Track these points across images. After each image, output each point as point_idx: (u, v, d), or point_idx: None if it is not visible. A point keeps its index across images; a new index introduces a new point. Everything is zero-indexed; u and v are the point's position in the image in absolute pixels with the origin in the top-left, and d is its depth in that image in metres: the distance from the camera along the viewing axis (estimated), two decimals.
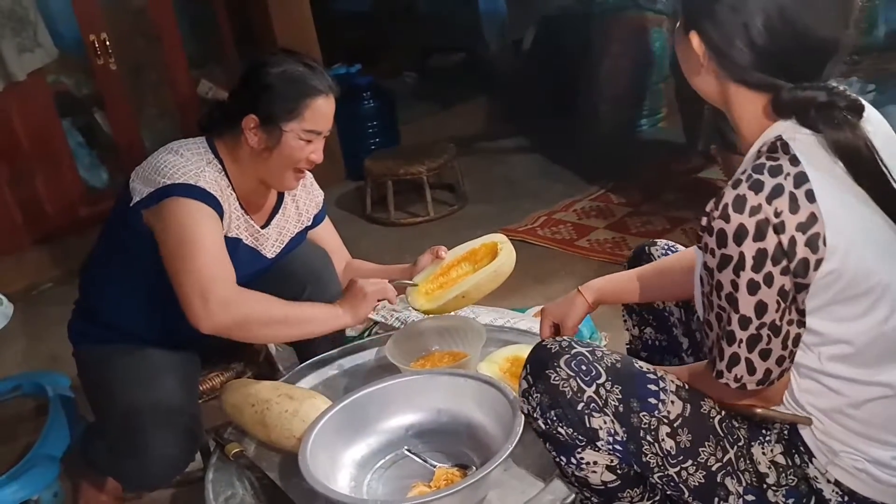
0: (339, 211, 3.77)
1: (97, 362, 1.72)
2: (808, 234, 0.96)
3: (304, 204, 1.88)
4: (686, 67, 1.14)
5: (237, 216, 1.69)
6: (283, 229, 1.82)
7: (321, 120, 1.66)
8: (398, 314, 2.20)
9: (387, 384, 1.52)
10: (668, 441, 1.12)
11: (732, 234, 0.97)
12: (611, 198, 3.34)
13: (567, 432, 1.14)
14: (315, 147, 1.68)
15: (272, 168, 1.66)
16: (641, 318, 1.51)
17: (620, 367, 1.14)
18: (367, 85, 4.08)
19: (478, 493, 1.31)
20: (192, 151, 1.64)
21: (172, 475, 1.68)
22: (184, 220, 1.54)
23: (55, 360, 2.56)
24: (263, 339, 1.65)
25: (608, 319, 2.35)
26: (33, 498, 1.92)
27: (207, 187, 1.58)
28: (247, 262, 1.73)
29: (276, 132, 1.62)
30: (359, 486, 1.41)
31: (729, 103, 1.09)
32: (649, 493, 1.21)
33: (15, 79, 3.20)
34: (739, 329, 1.02)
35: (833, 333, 1.02)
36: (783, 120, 1.04)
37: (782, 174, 0.97)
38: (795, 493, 1.12)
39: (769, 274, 0.97)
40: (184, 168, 1.58)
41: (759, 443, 1.13)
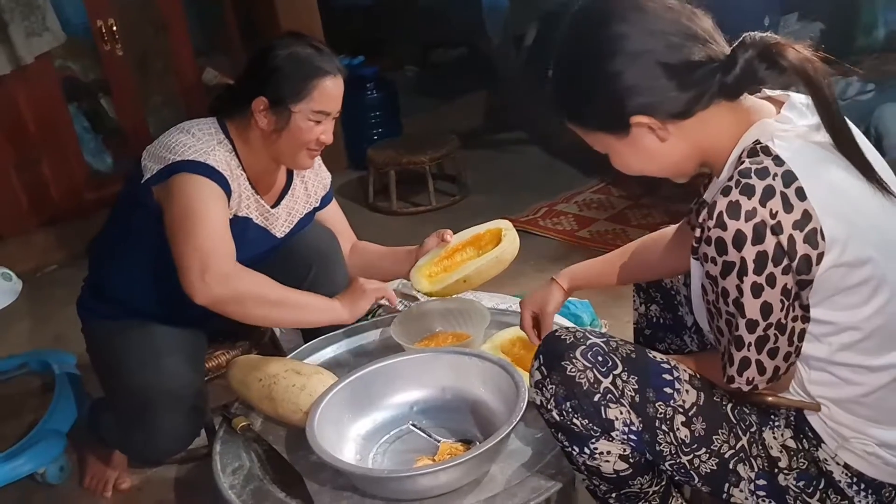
0: (342, 200, 3.73)
1: (106, 338, 1.74)
2: (806, 230, 0.97)
3: (312, 185, 1.90)
4: (648, 163, 1.13)
5: (247, 196, 1.72)
6: (293, 210, 1.85)
7: (329, 100, 1.68)
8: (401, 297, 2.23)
9: (393, 361, 1.55)
10: (682, 430, 1.12)
11: (731, 240, 0.98)
12: (611, 190, 3.37)
13: (582, 423, 1.13)
14: (325, 128, 1.70)
15: (283, 149, 1.69)
16: (648, 296, 1.52)
17: (636, 358, 1.14)
18: (371, 76, 4.10)
19: (481, 466, 1.34)
20: (204, 131, 1.67)
21: (178, 449, 1.72)
22: (190, 193, 1.57)
23: (60, 340, 2.59)
24: (256, 320, 1.64)
25: (608, 308, 2.39)
26: (39, 471, 1.96)
27: (216, 165, 1.61)
28: (257, 241, 1.75)
29: (285, 113, 1.64)
30: (364, 460, 1.43)
31: (701, 144, 1.09)
32: (657, 480, 1.21)
33: (23, 62, 3.21)
34: (747, 332, 1.03)
35: (842, 321, 1.03)
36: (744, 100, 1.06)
37: (770, 175, 0.98)
38: (806, 475, 1.13)
39: (771, 275, 0.98)
40: (194, 146, 1.61)
41: (769, 427, 1.14)
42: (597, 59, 1.06)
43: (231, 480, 1.43)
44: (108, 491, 1.94)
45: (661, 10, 1.05)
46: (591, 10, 1.10)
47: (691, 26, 1.04)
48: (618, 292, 2.45)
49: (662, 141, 1.08)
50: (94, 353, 1.81)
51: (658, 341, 1.53)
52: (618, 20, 1.05)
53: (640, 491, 1.21)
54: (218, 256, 1.52)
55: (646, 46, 1.03)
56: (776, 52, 1.00)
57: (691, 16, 1.05)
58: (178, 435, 1.66)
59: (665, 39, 1.03)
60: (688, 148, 1.09)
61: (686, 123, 1.07)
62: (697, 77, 1.04)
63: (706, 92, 1.04)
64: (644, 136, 1.08)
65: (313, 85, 1.64)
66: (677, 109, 1.05)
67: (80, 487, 1.97)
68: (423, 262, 1.77)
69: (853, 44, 4.61)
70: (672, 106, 1.05)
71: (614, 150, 1.14)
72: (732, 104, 1.07)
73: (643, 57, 1.03)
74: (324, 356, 1.80)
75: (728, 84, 1.04)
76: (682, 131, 1.07)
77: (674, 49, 1.03)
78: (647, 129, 1.07)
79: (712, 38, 1.05)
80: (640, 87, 1.04)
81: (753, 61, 1.02)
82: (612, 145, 1.13)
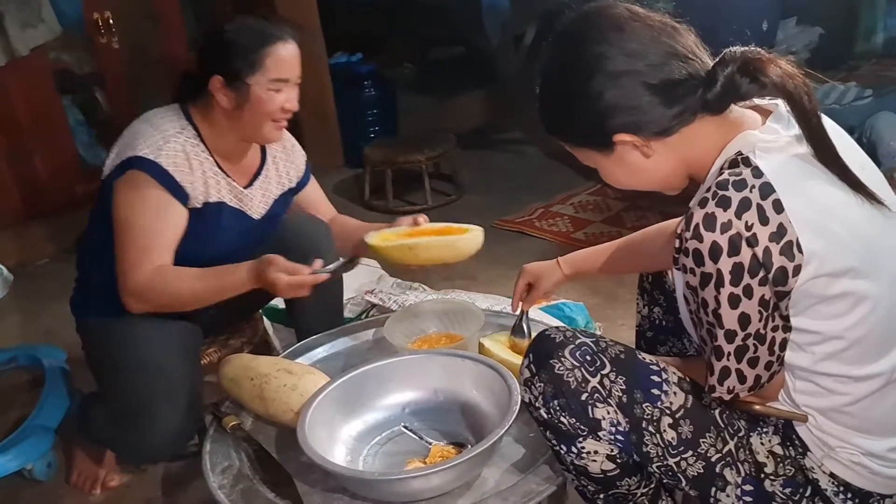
0: (338, 198, 3.77)
1: (102, 335, 1.73)
2: (782, 243, 0.97)
3: (283, 166, 1.88)
4: (634, 179, 1.14)
5: (216, 180, 1.70)
6: (267, 190, 1.83)
7: (285, 67, 1.64)
8: (396, 297, 2.22)
9: (385, 362, 1.54)
10: (669, 432, 1.12)
11: (707, 252, 0.98)
12: (607, 192, 3.36)
13: (570, 422, 1.14)
14: (287, 96, 1.67)
15: (248, 124, 1.67)
16: (652, 298, 1.52)
17: (624, 358, 1.15)
18: (368, 73, 4.08)
19: (472, 470, 1.33)
20: (166, 119, 1.67)
21: (173, 449, 1.69)
22: (125, 200, 1.61)
23: (50, 335, 2.57)
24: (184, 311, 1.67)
25: (602, 310, 2.39)
26: (27, 467, 1.94)
27: (166, 162, 1.61)
28: (233, 224, 1.75)
29: (243, 88, 1.63)
30: (355, 461, 1.42)
31: (686, 159, 1.09)
32: (645, 482, 1.22)
33: (17, 54, 3.19)
34: (726, 343, 1.03)
35: (826, 331, 1.04)
36: (729, 113, 1.06)
37: (747, 187, 0.98)
38: (792, 482, 1.13)
39: (748, 286, 0.98)
40: (150, 139, 1.62)
41: (757, 433, 1.14)
42: (577, 79, 1.07)
43: (220, 480, 1.42)
44: (97, 488, 1.93)
45: (641, 28, 1.05)
46: (571, 29, 1.11)
47: (672, 44, 1.05)
48: (612, 295, 2.45)
49: (647, 157, 1.09)
50: (90, 350, 1.79)
51: (660, 344, 1.53)
52: (597, 40, 1.05)
53: (627, 492, 1.20)
54: (135, 280, 1.59)
55: (625, 66, 1.04)
56: (756, 69, 1.01)
57: (672, 33, 1.06)
58: (173, 434, 1.63)
59: (645, 59, 1.04)
60: (674, 162, 1.10)
61: (670, 140, 1.07)
62: (679, 95, 1.04)
63: (688, 109, 1.05)
64: (628, 153, 1.10)
65: (265, 53, 1.62)
66: (660, 127, 1.06)
67: (68, 484, 1.96)
68: (386, 231, 1.73)
69: (852, 49, 4.62)
70: (654, 124, 1.06)
71: (601, 166, 1.15)
72: (717, 117, 1.07)
73: (623, 77, 1.04)
74: (316, 356, 1.78)
75: (710, 100, 1.04)
76: (667, 147, 1.08)
77: (654, 68, 1.04)
78: (632, 146, 1.08)
79: (694, 55, 1.06)
80: (620, 107, 1.05)
81: (735, 77, 1.02)
82: (598, 161, 1.14)
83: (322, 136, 4.03)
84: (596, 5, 1.11)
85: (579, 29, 1.09)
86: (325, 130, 4.03)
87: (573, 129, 1.13)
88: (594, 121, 1.07)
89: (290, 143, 1.89)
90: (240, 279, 1.60)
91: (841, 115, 3.20)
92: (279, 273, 1.54)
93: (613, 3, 1.10)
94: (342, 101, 4.02)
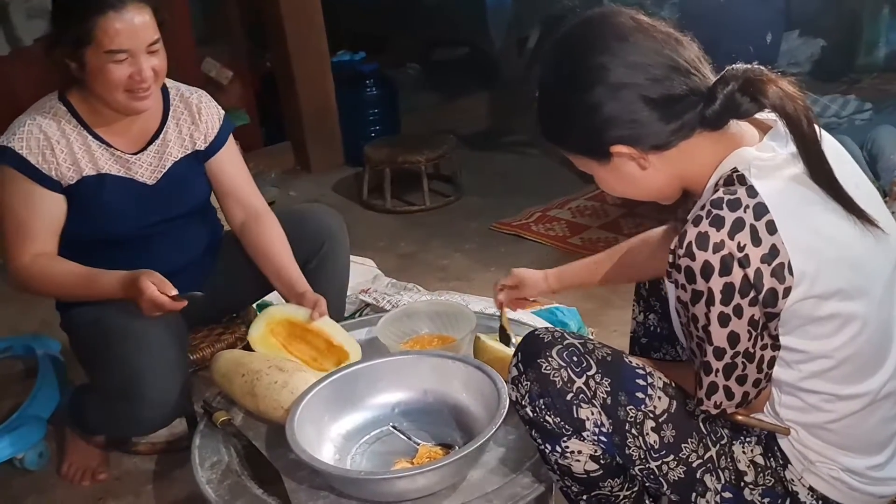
0: (336, 196, 3.79)
1: (87, 321, 1.73)
2: (773, 264, 0.98)
3: (187, 129, 1.79)
4: (630, 189, 1.14)
5: (91, 151, 1.69)
6: (164, 154, 1.77)
7: (120, 37, 1.54)
8: (390, 297, 2.23)
9: (376, 362, 1.55)
10: (652, 435, 1.14)
11: (699, 270, 0.99)
12: (605, 198, 3.36)
13: (554, 421, 1.15)
14: (135, 67, 1.57)
15: (103, 94, 1.62)
16: (647, 305, 1.53)
17: (611, 361, 1.16)
18: (371, 72, 4.09)
19: (459, 471, 1.34)
20: (35, 108, 1.69)
21: (165, 420, 1.70)
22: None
23: (45, 326, 2.57)
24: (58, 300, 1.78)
25: (596, 316, 2.39)
26: (18, 456, 1.95)
27: (18, 145, 1.63)
28: (121, 193, 1.72)
29: (81, 61, 1.58)
30: (343, 459, 1.43)
31: (682, 173, 1.10)
32: (628, 485, 1.23)
33: (21, 44, 3.20)
34: (715, 360, 1.05)
35: (814, 350, 1.05)
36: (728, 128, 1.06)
37: (741, 207, 0.99)
38: (771, 493, 1.14)
39: (738, 306, 0.99)
40: (10, 129, 1.65)
41: (740, 442, 1.16)
42: (577, 89, 1.07)
43: (209, 475, 1.43)
44: (87, 480, 1.93)
45: (644, 40, 1.04)
46: (574, 35, 1.10)
47: (675, 57, 1.04)
48: (606, 301, 2.45)
49: (643, 169, 1.09)
50: (77, 339, 1.79)
51: (654, 350, 1.54)
52: (600, 50, 1.05)
53: (610, 494, 1.22)
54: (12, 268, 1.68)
55: (626, 79, 1.03)
56: (756, 89, 1.01)
57: (676, 46, 1.05)
58: (164, 401, 1.62)
59: (646, 72, 1.03)
60: (669, 175, 1.10)
61: (667, 153, 1.07)
62: (678, 110, 1.04)
63: (687, 125, 1.05)
64: (625, 164, 1.09)
65: (93, 25, 1.53)
66: (658, 142, 1.06)
67: (59, 475, 1.96)
68: (279, 314, 1.68)
69: (854, 62, 4.62)
70: (652, 138, 1.06)
71: (597, 174, 1.16)
72: (716, 132, 1.07)
73: (623, 90, 1.03)
74: None
75: (709, 117, 1.04)
76: (664, 160, 1.08)
77: (655, 82, 1.03)
78: (628, 158, 1.08)
79: (696, 69, 1.05)
80: (619, 119, 1.05)
81: (734, 95, 1.02)
82: (594, 169, 1.15)
83: (323, 133, 4.04)
84: (600, 12, 1.10)
85: (582, 36, 1.08)
86: (325, 128, 4.04)
87: (571, 138, 1.13)
88: (592, 131, 1.07)
89: (197, 103, 1.80)
90: (109, 283, 1.64)
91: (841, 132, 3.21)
92: (150, 281, 1.58)
93: (618, 10, 1.09)
94: (344, 99, 4.02)
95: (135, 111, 1.67)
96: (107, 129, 1.71)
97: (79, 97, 1.68)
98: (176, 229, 1.79)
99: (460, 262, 2.97)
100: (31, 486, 1.94)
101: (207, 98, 1.84)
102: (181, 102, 1.80)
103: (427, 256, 3.05)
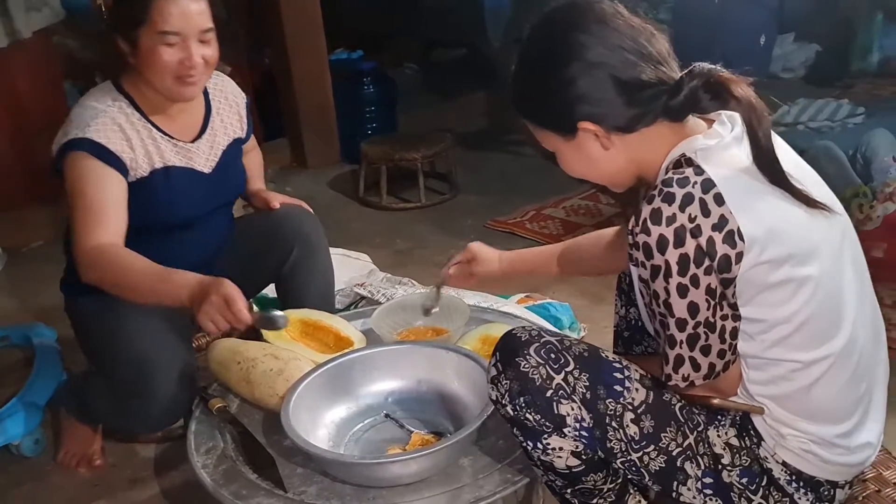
0: (333, 192, 3.81)
1: (96, 313, 1.75)
2: (724, 231, 1.02)
3: (227, 116, 1.86)
4: (589, 169, 1.19)
5: (157, 145, 1.70)
6: (214, 142, 1.82)
7: (174, 19, 1.57)
8: (384, 291, 2.25)
9: (370, 351, 1.57)
10: (632, 427, 1.16)
11: (655, 244, 1.04)
12: (599, 198, 3.40)
13: (535, 418, 1.17)
14: (185, 52, 1.60)
15: (153, 80, 1.64)
16: (629, 299, 1.56)
17: (588, 356, 1.18)
18: (369, 70, 4.11)
19: (451, 457, 1.36)
20: (96, 98, 1.67)
21: (175, 418, 1.72)
22: (69, 178, 1.61)
23: (43, 316, 2.59)
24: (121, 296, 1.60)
25: (588, 311, 2.42)
26: (14, 443, 1.97)
27: (96, 136, 1.60)
28: (186, 184, 1.75)
29: (135, 42, 1.59)
30: (337, 447, 1.45)
31: (639, 158, 1.14)
32: (612, 478, 1.25)
33: (20, 36, 3.20)
34: (678, 331, 1.08)
35: (771, 318, 1.09)
36: (685, 124, 1.12)
37: (689, 183, 1.04)
38: (749, 472, 1.17)
39: (694, 275, 1.04)
40: (78, 120, 1.62)
41: (714, 426, 1.18)
42: (555, 62, 1.12)
43: (204, 460, 1.45)
44: (83, 467, 1.95)
45: (623, 27, 1.11)
46: (558, 14, 1.16)
47: (648, 47, 1.10)
48: (598, 297, 2.48)
49: (606, 149, 1.14)
50: (84, 328, 1.81)
51: (636, 343, 1.56)
52: (581, 29, 1.11)
53: (594, 487, 1.24)
54: (83, 249, 1.57)
55: (602, 59, 1.09)
56: (718, 87, 1.07)
57: (650, 37, 1.11)
58: (174, 401, 1.65)
59: (621, 56, 1.09)
60: (627, 159, 1.15)
61: (629, 137, 1.13)
62: (645, 97, 1.10)
63: (651, 111, 1.11)
64: (589, 142, 1.14)
65: (150, 4, 1.56)
66: (622, 123, 1.12)
67: (55, 462, 1.98)
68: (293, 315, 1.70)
69: (848, 67, 4.66)
70: (617, 119, 1.11)
71: (560, 151, 1.20)
72: (673, 125, 1.13)
73: (598, 68, 1.09)
74: None
75: (672, 107, 1.10)
76: (625, 143, 1.13)
77: (628, 66, 1.09)
78: (593, 136, 1.13)
79: (665, 62, 1.11)
80: (590, 97, 1.10)
81: (698, 91, 1.08)
82: (558, 146, 1.19)
83: (320, 130, 4.07)
84: None
85: (566, 16, 1.14)
86: (323, 125, 4.06)
87: (542, 111, 1.17)
88: (563, 105, 1.12)
89: (231, 90, 1.86)
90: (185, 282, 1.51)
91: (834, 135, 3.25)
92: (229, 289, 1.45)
93: None
94: (341, 97, 4.04)
95: (181, 97, 1.69)
96: (162, 117, 1.72)
97: (134, 88, 1.69)
98: (217, 216, 1.81)
99: None
100: (27, 473, 1.96)
101: (232, 83, 1.88)
102: (217, 90, 1.84)
103: (422, 253, 3.07)
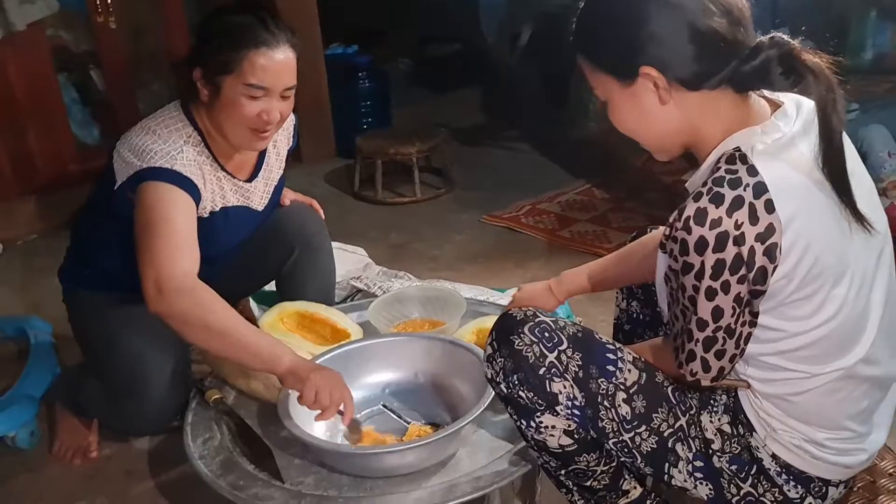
0: (328, 187, 3.80)
1: (95, 309, 1.75)
2: (767, 243, 1.00)
3: (283, 147, 1.85)
4: (640, 123, 1.12)
5: (222, 185, 1.67)
6: (269, 179, 1.82)
7: (264, 74, 1.54)
8: (381, 284, 2.25)
9: (368, 343, 1.58)
10: (624, 407, 1.17)
11: (693, 244, 1.01)
12: (595, 192, 3.40)
13: (528, 396, 1.17)
14: (266, 106, 1.56)
15: (225, 126, 1.60)
16: (630, 292, 1.56)
17: (581, 337, 1.19)
18: (363, 65, 4.10)
19: (447, 448, 1.37)
20: (170, 128, 1.60)
21: (168, 419, 1.72)
22: (152, 205, 1.51)
23: (37, 309, 2.58)
24: (195, 342, 1.49)
25: (585, 306, 2.42)
26: (9, 435, 1.96)
27: (184, 170, 1.55)
28: (240, 223, 1.75)
29: (218, 86, 1.56)
30: (334, 438, 1.46)
31: (694, 125, 1.09)
32: (605, 460, 1.25)
33: (14, 28, 3.18)
34: (697, 330, 1.08)
35: (789, 330, 1.08)
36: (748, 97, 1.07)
37: (741, 185, 1.00)
38: (739, 460, 1.18)
39: (726, 282, 1.02)
40: (160, 150, 1.55)
41: (707, 411, 1.19)
42: None
43: (201, 451, 1.45)
44: (78, 459, 1.95)
45: None
46: None
47: (734, 3, 1.05)
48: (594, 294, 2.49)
49: (662, 104, 1.08)
50: (81, 323, 1.81)
51: (636, 337, 1.57)
52: None
53: (587, 469, 1.25)
54: (169, 275, 1.44)
55: (683, 1, 1.03)
56: (795, 60, 1.02)
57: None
58: (168, 404, 1.66)
59: (703, 3, 1.03)
60: (682, 121, 1.10)
61: (689, 96, 1.07)
62: (717, 52, 1.04)
63: (718, 72, 1.05)
64: (646, 92, 1.08)
65: (243, 56, 1.52)
66: (686, 76, 1.06)
67: (50, 454, 1.98)
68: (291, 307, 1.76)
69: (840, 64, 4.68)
70: (683, 70, 1.05)
71: (613, 100, 1.13)
72: (736, 97, 1.08)
73: (676, 11, 1.03)
74: None
75: (741, 74, 1.04)
76: (683, 102, 1.08)
77: (708, 15, 1.02)
78: (652, 87, 1.07)
79: (745, 24, 1.05)
80: (661, 40, 1.04)
81: (772, 62, 1.03)
82: (613, 92, 1.12)
83: (315, 125, 4.05)
84: None
85: None
86: (318, 120, 4.05)
87: (606, 48, 1.10)
88: (630, 45, 1.06)
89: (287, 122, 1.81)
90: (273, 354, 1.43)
91: None
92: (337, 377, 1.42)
93: None
94: (336, 91, 4.04)
95: (251, 149, 1.67)
96: (226, 157, 1.67)
97: (204, 122, 1.63)
98: (241, 241, 1.79)
99: (450, 252, 3.00)
100: (22, 465, 1.95)
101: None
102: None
103: (418, 247, 3.07)
